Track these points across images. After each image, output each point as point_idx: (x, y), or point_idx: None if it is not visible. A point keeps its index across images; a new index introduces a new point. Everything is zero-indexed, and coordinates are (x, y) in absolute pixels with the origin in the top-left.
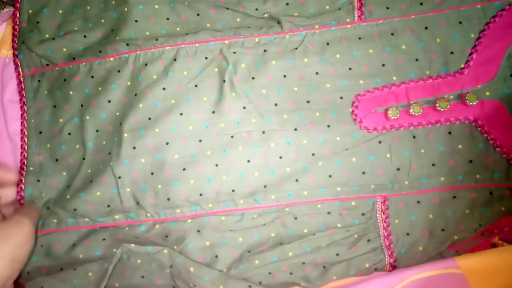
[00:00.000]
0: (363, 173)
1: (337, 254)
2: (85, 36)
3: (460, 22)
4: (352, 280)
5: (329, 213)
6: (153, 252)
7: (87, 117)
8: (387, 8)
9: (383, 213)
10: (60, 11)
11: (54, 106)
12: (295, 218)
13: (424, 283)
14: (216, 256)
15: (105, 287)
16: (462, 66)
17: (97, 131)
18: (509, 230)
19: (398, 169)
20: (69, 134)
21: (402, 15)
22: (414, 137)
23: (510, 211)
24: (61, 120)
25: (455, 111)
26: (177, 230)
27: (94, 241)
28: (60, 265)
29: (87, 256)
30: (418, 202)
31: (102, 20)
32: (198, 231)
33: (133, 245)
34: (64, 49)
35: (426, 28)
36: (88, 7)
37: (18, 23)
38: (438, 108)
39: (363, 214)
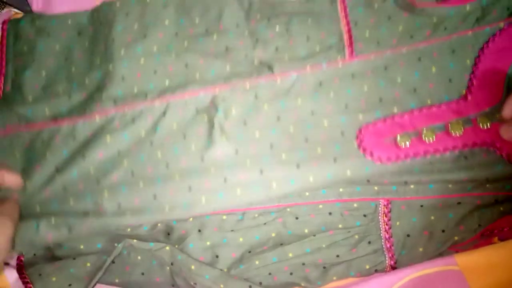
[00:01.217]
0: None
1: (338, 256)
2: (69, 97)
3: (453, 51)
4: (352, 280)
5: (330, 213)
6: (155, 248)
7: (56, 175)
8: (378, 43)
9: (385, 215)
10: (44, 72)
11: (23, 169)
12: (296, 218)
13: (423, 281)
14: (217, 256)
15: (104, 283)
16: (464, 92)
17: (63, 188)
18: (509, 230)
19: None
20: (31, 195)
21: (393, 49)
22: (431, 163)
23: (509, 212)
24: (27, 182)
25: (469, 135)
26: (179, 228)
27: (95, 237)
28: (61, 255)
29: (88, 247)
30: (422, 206)
31: (87, 80)
32: (199, 230)
33: (135, 240)
34: (46, 110)
35: (419, 59)
36: (73, 68)
37: (2, 88)
38: (452, 132)
39: (364, 216)
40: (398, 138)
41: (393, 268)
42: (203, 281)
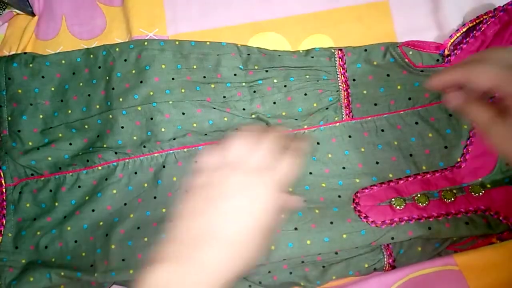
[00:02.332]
0: None
1: (336, 253)
2: (70, 144)
3: (451, 115)
4: (352, 279)
5: None
6: None
7: (68, 228)
8: (375, 104)
9: None
10: (41, 116)
11: (34, 219)
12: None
13: (422, 280)
14: None
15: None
16: (459, 160)
17: (75, 242)
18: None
19: None
20: (46, 247)
21: (390, 111)
22: (429, 228)
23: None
24: (38, 233)
25: (462, 203)
26: None
27: None
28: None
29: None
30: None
31: (86, 126)
32: None
33: None
34: (49, 158)
35: (416, 123)
36: (70, 111)
37: None
38: (444, 199)
39: None
40: (393, 200)
41: (392, 266)
42: None
